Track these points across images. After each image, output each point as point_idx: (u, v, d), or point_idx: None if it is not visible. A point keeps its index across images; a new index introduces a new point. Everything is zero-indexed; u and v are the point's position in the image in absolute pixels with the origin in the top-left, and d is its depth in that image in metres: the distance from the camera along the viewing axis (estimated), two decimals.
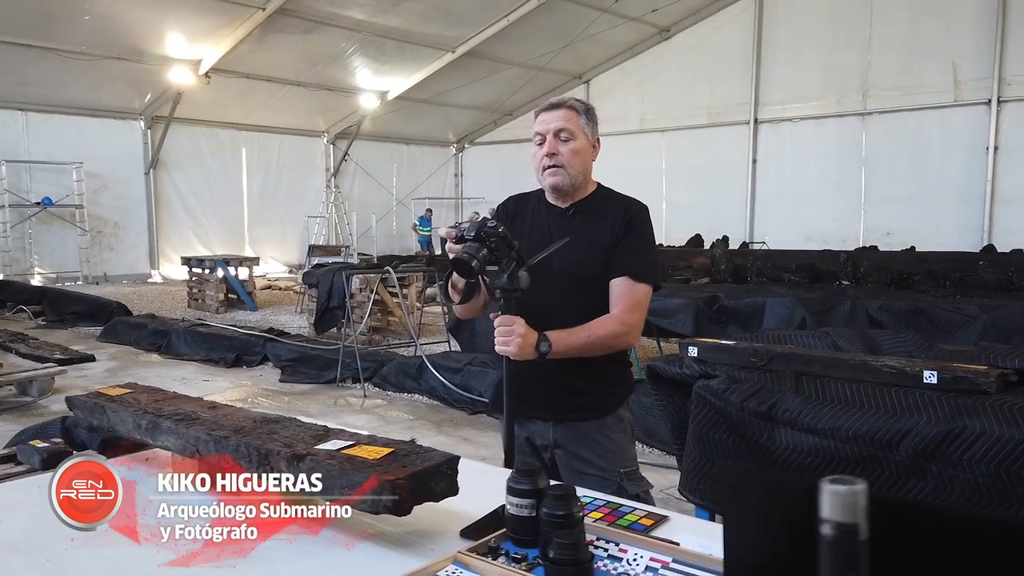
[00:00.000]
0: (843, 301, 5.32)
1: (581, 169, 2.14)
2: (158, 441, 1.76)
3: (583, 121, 2.15)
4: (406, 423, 5.75)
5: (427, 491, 1.36)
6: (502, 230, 1.85)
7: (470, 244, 1.85)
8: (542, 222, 2.20)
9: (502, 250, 1.86)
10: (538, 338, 1.95)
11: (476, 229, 1.85)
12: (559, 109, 2.15)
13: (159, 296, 13.80)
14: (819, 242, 15.31)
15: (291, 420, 1.72)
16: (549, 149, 2.12)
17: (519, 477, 1.35)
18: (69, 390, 6.59)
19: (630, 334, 2.13)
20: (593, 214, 2.16)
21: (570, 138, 2.12)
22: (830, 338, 3.12)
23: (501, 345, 1.94)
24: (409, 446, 1.47)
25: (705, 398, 2.83)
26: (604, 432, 2.16)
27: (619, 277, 2.10)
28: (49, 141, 15.40)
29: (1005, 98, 14.30)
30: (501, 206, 2.31)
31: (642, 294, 2.12)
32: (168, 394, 2.03)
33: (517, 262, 1.90)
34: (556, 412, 2.15)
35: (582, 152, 2.14)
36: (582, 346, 2.02)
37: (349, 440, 1.53)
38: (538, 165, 2.17)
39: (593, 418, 2.16)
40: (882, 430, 2.43)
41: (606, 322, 2.06)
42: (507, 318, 1.93)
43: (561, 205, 2.20)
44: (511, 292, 1.90)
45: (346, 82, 18.07)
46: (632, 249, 2.12)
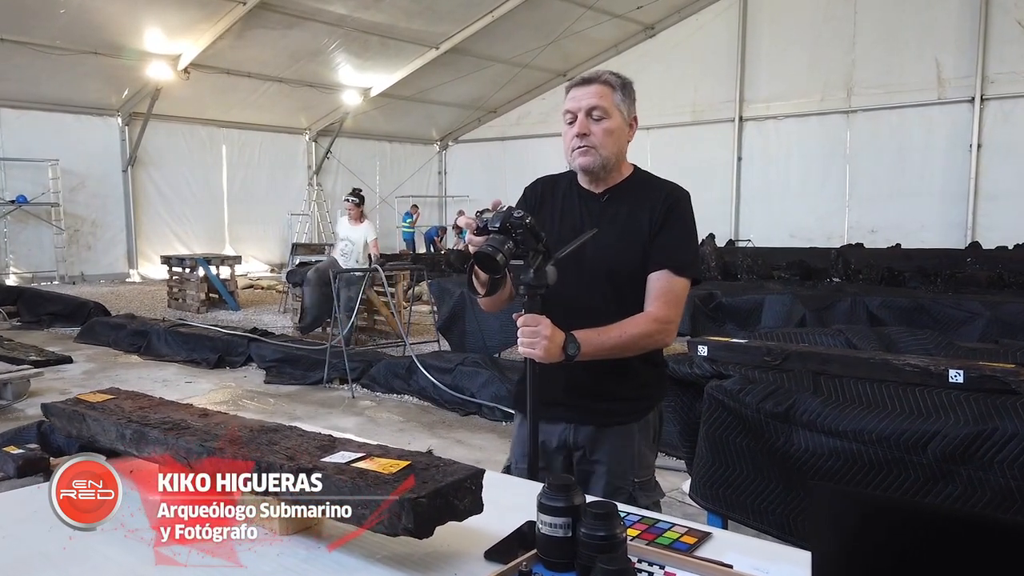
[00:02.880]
0: (842, 298, 5.25)
1: (615, 150, 1.96)
2: (144, 452, 1.60)
3: (619, 98, 1.95)
4: (396, 425, 5.60)
5: (450, 510, 1.22)
6: (529, 221, 1.68)
7: (494, 236, 1.69)
8: (574, 208, 2.02)
9: (529, 243, 1.70)
10: (565, 339, 1.79)
11: (501, 220, 1.69)
12: (592, 84, 1.95)
13: (138, 296, 13.51)
14: (804, 239, 15.34)
15: (291, 429, 1.57)
16: (580, 129, 1.93)
17: (552, 493, 1.22)
18: (45, 393, 6.37)
19: (666, 332, 1.94)
20: (629, 200, 1.99)
21: (603, 116, 1.93)
22: (844, 336, 3.01)
23: (526, 347, 1.78)
24: (427, 458, 1.33)
25: (718, 399, 2.71)
26: (628, 438, 2.00)
27: (658, 270, 1.92)
28: (24, 138, 15.00)
29: (988, 96, 14.36)
30: (529, 189, 2.13)
31: (681, 289, 1.94)
32: (154, 400, 1.87)
33: (544, 255, 1.74)
34: (581, 415, 1.99)
35: (616, 132, 1.95)
36: (613, 347, 1.86)
37: (359, 451, 1.39)
38: (568, 146, 1.98)
39: (619, 424, 1.99)
40: (908, 432, 2.32)
41: (640, 320, 1.89)
42: (531, 317, 1.77)
43: (595, 190, 2.01)
44: (537, 289, 1.75)
45: (328, 78, 17.82)
46: (673, 239, 1.94)
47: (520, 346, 1.80)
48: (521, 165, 19.26)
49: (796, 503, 2.60)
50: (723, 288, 6.45)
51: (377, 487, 1.21)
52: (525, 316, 1.78)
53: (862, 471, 2.41)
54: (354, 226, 8.01)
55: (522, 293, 1.77)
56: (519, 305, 1.85)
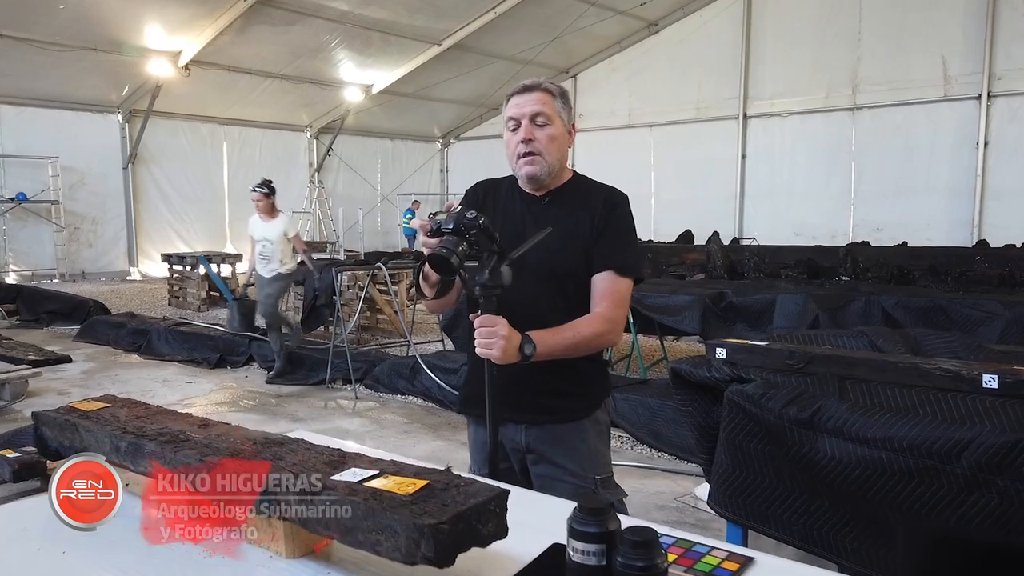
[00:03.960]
0: (856, 298, 5.13)
1: (559, 156, 1.99)
2: (139, 467, 1.50)
3: (559, 105, 1.99)
4: (401, 427, 5.49)
5: (473, 535, 1.12)
6: (483, 221, 1.68)
7: (448, 238, 1.68)
8: (515, 211, 2.04)
9: (483, 244, 1.70)
10: (522, 340, 1.81)
11: (454, 221, 1.68)
12: (534, 92, 1.97)
13: (138, 294, 13.41)
14: (808, 237, 15.22)
15: (298, 442, 1.47)
16: (525, 135, 1.95)
17: (585, 517, 1.11)
18: (44, 393, 6.28)
19: (615, 332, 2.01)
20: (570, 204, 2.02)
21: (547, 123, 1.96)
22: (867, 338, 2.90)
23: (483, 348, 1.79)
24: (446, 477, 1.23)
25: (739, 404, 2.61)
26: (581, 436, 2.03)
27: (602, 272, 1.97)
28: (23, 135, 14.92)
29: (995, 92, 14.25)
30: (470, 191, 2.13)
31: (626, 289, 2.00)
32: (152, 409, 1.77)
33: (499, 256, 1.73)
34: (531, 414, 2.00)
35: (559, 138, 1.98)
36: (567, 347, 1.89)
37: (371, 468, 1.29)
38: (512, 152, 2.00)
39: (570, 420, 2.02)
40: (941, 440, 2.22)
41: (592, 320, 1.94)
42: (489, 318, 1.78)
43: (536, 193, 2.04)
44: (492, 289, 1.74)
45: (330, 75, 17.72)
46: (615, 242, 1.98)
47: (477, 347, 1.80)
48: None
49: (821, 513, 2.50)
50: (731, 287, 6.34)
51: (393, 510, 1.11)
52: (482, 317, 1.78)
53: (891, 480, 2.31)
54: (268, 222, 6.82)
55: (478, 294, 1.76)
56: (470, 309, 1.88)
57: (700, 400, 2.89)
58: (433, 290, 1.91)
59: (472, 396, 2.07)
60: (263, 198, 6.81)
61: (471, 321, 1.87)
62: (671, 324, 5.52)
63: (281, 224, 6.81)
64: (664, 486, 4.22)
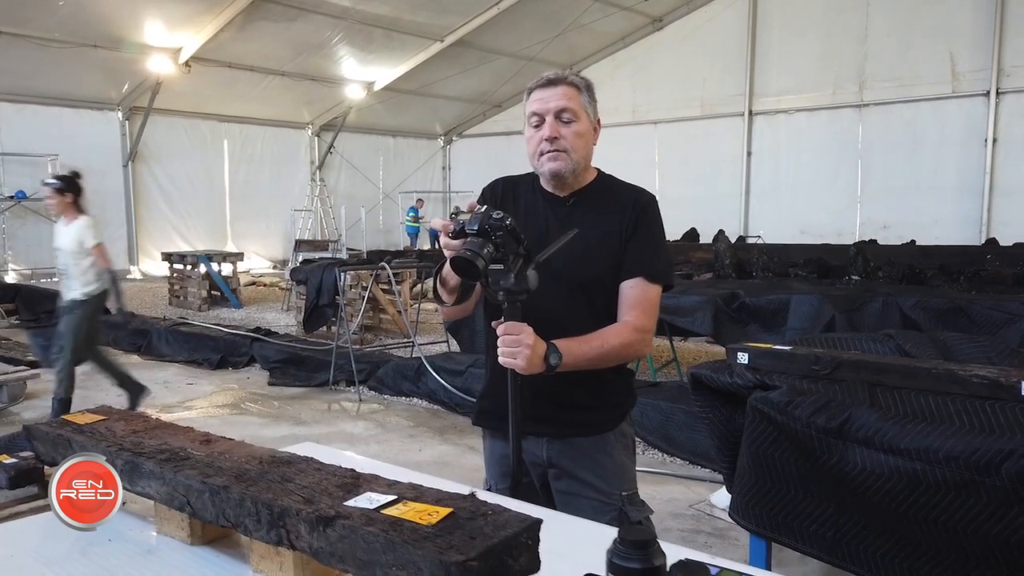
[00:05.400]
0: (873, 298, 5.01)
1: (584, 154, 1.88)
2: (137, 487, 1.40)
3: (585, 99, 1.87)
4: (406, 430, 5.39)
5: (504, 572, 1.01)
6: (510, 222, 1.58)
7: (472, 240, 1.57)
8: (538, 212, 1.92)
9: (510, 246, 1.59)
10: (547, 349, 1.70)
11: (479, 221, 1.57)
12: (559, 86, 1.85)
13: (139, 293, 13.29)
14: (814, 235, 15.07)
15: (307, 461, 1.36)
16: (550, 132, 1.83)
17: (629, 551, 1.00)
18: (43, 395, 6.17)
19: (644, 343, 1.89)
20: (597, 206, 1.90)
21: (573, 119, 1.84)
22: (894, 341, 2.79)
23: (507, 357, 1.68)
24: (471, 503, 1.12)
25: (763, 412, 2.50)
26: (606, 450, 1.91)
27: (632, 278, 1.86)
28: (22, 132, 14.78)
29: (1004, 89, 14.11)
30: (487, 189, 2.01)
31: (656, 296, 1.90)
32: (150, 422, 1.66)
33: (525, 259, 1.63)
34: (553, 427, 1.89)
35: (586, 135, 1.87)
36: (594, 357, 1.78)
37: (388, 492, 1.18)
38: (534, 150, 1.88)
39: (594, 433, 1.91)
40: (980, 451, 2.11)
41: (621, 330, 1.83)
42: (513, 325, 1.67)
43: (559, 194, 1.92)
44: (518, 295, 1.64)
45: (331, 72, 17.59)
46: (645, 247, 1.88)
47: (500, 356, 1.70)
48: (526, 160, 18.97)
49: (850, 526, 2.39)
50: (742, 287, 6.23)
51: (416, 543, 1.00)
52: (506, 324, 1.67)
53: (926, 493, 2.20)
54: (65, 227, 5.09)
55: (501, 300, 1.66)
56: (488, 314, 1.79)
57: (721, 407, 2.79)
58: (452, 296, 1.80)
59: (490, 407, 1.96)
60: (55, 195, 5.10)
61: (492, 328, 1.77)
62: (682, 325, 5.41)
63: (76, 230, 5.04)
64: (678, 492, 4.11)
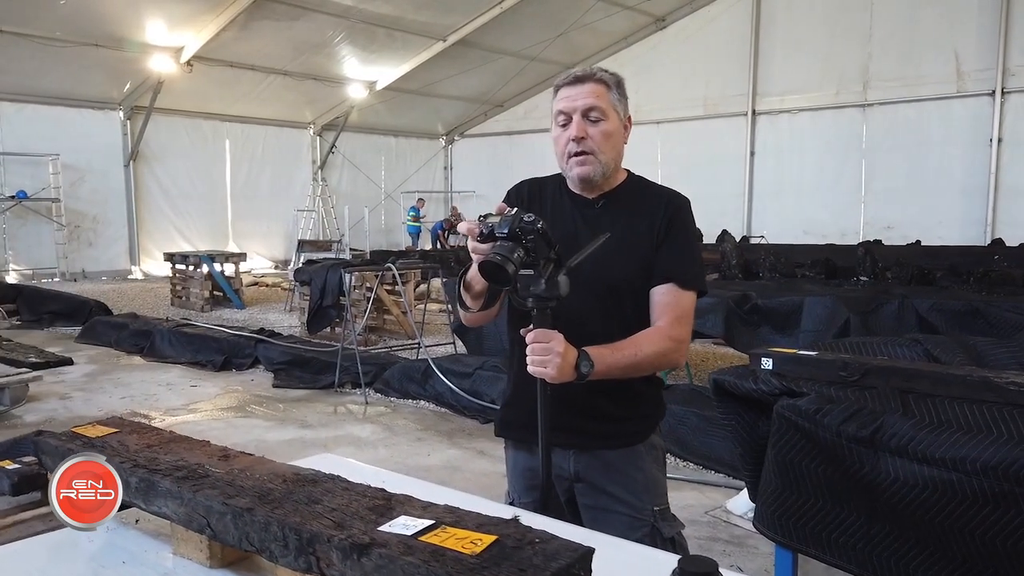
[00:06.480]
0: (889, 300, 4.94)
1: (613, 155, 1.80)
2: (153, 506, 1.33)
3: (615, 97, 1.79)
4: (414, 433, 5.31)
5: None
6: (542, 225, 1.51)
7: (502, 243, 1.50)
8: (566, 215, 1.84)
9: (541, 250, 1.52)
10: (578, 357, 1.63)
11: (509, 224, 1.50)
12: (586, 83, 1.77)
13: (141, 294, 13.23)
14: (818, 236, 15.01)
15: (333, 480, 1.29)
16: (577, 132, 1.75)
17: None
18: (45, 397, 6.11)
19: (679, 352, 1.82)
20: (627, 209, 1.83)
21: (601, 118, 1.76)
22: (922, 347, 2.72)
23: (537, 366, 1.61)
24: (515, 530, 1.05)
25: (790, 420, 2.42)
26: (636, 463, 1.84)
27: (664, 284, 1.78)
28: (23, 132, 14.72)
29: (1009, 89, 14.05)
30: (513, 191, 1.93)
31: (689, 303, 1.82)
32: (164, 435, 1.59)
33: (556, 264, 1.56)
34: (580, 439, 1.82)
35: (615, 135, 1.79)
36: (627, 366, 1.71)
37: (424, 516, 1.11)
38: (562, 151, 1.80)
39: (624, 446, 1.84)
40: (1019, 461, 2.04)
41: (653, 337, 1.75)
42: (543, 333, 1.60)
43: (588, 195, 1.84)
44: (548, 301, 1.57)
45: (333, 72, 17.53)
46: (677, 251, 1.80)
47: (530, 364, 1.62)
48: (529, 160, 18.94)
49: (881, 538, 2.32)
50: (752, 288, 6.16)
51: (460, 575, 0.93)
52: (536, 332, 1.61)
53: (963, 505, 2.13)
54: None
55: (531, 307, 1.59)
56: (510, 320, 1.74)
57: (745, 413, 2.71)
58: (478, 301, 1.73)
59: (514, 417, 1.88)
60: None
61: (517, 336, 1.70)
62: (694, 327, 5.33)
63: None
64: (692, 498, 4.04)
